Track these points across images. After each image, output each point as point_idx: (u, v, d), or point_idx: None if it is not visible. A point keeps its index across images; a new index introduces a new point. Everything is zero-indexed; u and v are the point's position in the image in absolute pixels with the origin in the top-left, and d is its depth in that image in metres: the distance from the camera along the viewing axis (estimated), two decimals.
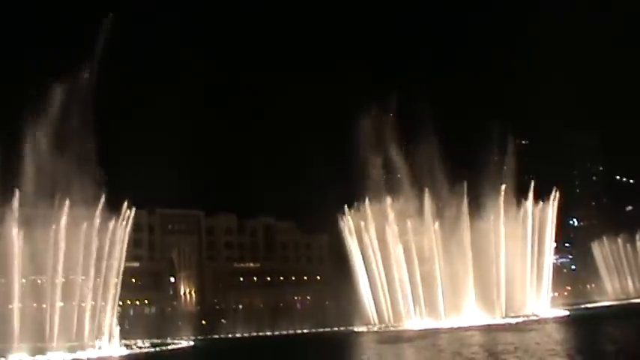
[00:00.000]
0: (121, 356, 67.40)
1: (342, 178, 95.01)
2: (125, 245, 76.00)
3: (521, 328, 70.08)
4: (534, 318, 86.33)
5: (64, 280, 71.68)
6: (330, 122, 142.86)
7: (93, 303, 73.38)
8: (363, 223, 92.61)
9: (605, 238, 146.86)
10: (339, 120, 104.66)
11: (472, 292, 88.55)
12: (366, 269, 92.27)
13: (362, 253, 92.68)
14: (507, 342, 53.40)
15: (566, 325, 73.28)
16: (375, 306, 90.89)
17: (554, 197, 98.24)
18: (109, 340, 72.68)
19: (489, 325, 78.43)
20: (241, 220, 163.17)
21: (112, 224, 74.54)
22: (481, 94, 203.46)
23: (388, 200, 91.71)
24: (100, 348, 69.84)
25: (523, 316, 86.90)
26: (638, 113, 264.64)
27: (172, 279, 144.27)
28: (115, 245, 74.94)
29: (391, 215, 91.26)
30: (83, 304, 72.75)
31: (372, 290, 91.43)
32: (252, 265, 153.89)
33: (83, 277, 72.89)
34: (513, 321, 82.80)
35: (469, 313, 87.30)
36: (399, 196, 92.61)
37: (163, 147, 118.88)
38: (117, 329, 74.20)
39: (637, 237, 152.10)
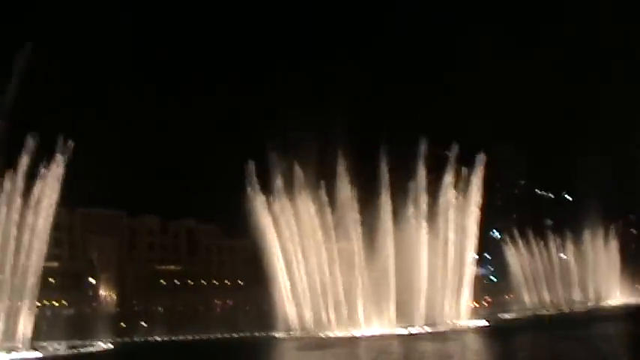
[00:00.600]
0: (36, 359, 65.97)
1: (264, 183, 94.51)
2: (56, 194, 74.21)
3: (440, 338, 70.95)
4: (454, 328, 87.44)
5: None
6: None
7: (9, 303, 71.64)
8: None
9: (522, 250, 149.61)
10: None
11: (393, 300, 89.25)
12: (287, 272, 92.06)
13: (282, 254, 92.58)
14: (425, 350, 54.11)
15: (483, 335, 74.46)
16: (297, 312, 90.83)
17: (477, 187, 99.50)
18: (24, 342, 71.06)
19: (409, 334, 79.23)
20: (164, 222, 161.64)
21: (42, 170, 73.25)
22: (404, 104, 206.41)
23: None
24: (14, 351, 68.19)
25: (443, 326, 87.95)
26: (561, 129, 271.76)
27: (92, 280, 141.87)
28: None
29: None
30: None
31: (293, 295, 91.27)
32: (173, 267, 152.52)
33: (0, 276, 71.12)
34: (433, 330, 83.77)
35: (389, 321, 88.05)
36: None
37: (86, 146, 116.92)
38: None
39: (553, 250, 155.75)
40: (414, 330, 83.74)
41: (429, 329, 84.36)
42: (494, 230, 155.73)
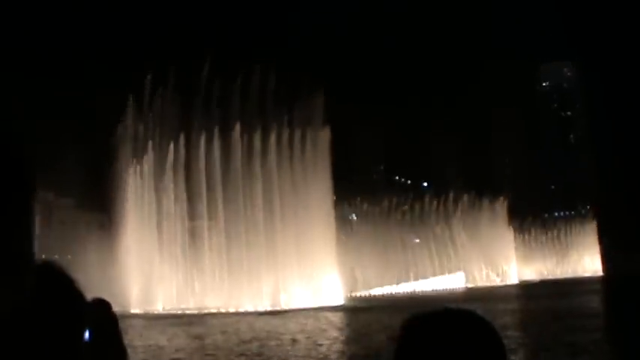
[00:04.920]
0: None
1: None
2: None
3: (289, 316, 71.86)
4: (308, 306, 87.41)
5: None
6: None
7: None
8: None
9: (379, 233, 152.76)
10: None
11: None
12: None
13: None
14: (271, 329, 54.73)
15: (338, 313, 75.24)
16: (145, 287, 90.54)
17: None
18: None
19: (256, 312, 79.96)
20: None
21: None
22: None
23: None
24: None
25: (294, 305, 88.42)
26: (418, 118, 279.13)
27: None
28: None
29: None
30: None
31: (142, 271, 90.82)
32: None
33: None
34: (281, 309, 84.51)
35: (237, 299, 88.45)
36: None
37: None
38: None
39: (408, 234, 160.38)
40: (260, 308, 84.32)
41: (278, 308, 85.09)
42: (353, 215, 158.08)
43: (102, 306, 2.83)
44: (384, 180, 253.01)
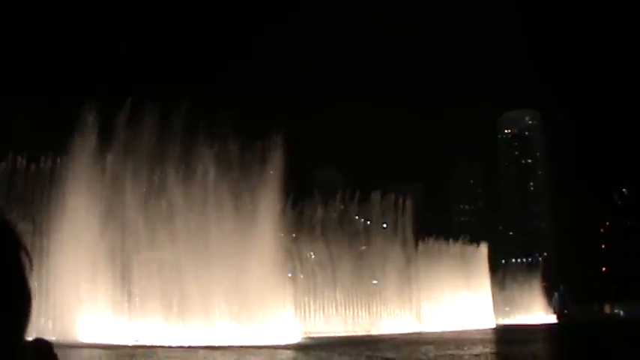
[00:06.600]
0: None
1: None
2: None
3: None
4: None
5: None
6: None
7: None
8: None
9: (336, 273, 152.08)
10: None
11: None
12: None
13: None
14: None
15: (296, 352, 73.97)
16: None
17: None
18: None
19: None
20: None
21: None
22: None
23: None
24: None
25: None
26: (376, 151, 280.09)
27: None
28: None
29: None
30: None
31: None
32: None
33: None
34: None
35: None
36: None
37: None
38: None
39: (367, 274, 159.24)
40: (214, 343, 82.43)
41: (232, 344, 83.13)
42: (311, 252, 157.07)
43: (42, 347, 2.44)
44: (343, 218, 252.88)
